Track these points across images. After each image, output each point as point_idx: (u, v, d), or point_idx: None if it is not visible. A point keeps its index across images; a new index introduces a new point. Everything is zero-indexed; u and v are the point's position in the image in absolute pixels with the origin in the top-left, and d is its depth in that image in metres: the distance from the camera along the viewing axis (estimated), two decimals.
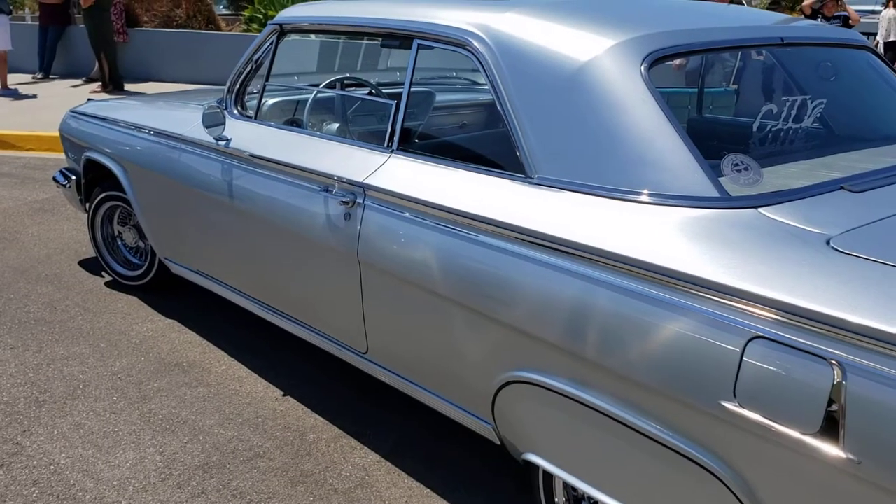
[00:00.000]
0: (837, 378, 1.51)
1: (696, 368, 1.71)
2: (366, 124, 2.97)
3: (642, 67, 2.07)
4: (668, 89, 3.51)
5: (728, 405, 1.65)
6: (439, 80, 3.35)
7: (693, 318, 1.73)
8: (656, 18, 2.34)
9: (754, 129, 2.42)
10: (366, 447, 2.83)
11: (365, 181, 2.52)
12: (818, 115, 2.61)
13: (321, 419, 3.00)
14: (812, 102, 2.56)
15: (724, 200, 1.89)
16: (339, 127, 3.11)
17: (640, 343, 1.81)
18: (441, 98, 3.17)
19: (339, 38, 3.68)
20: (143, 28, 12.09)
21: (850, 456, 1.49)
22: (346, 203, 2.55)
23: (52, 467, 2.66)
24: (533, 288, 2.04)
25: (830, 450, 1.52)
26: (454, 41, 2.42)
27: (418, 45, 2.56)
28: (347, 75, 3.54)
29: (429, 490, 2.60)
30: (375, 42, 3.12)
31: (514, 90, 2.23)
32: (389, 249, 2.43)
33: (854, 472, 1.50)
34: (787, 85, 3.00)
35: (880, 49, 8.83)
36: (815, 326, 1.56)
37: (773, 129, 2.47)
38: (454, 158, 2.46)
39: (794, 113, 2.51)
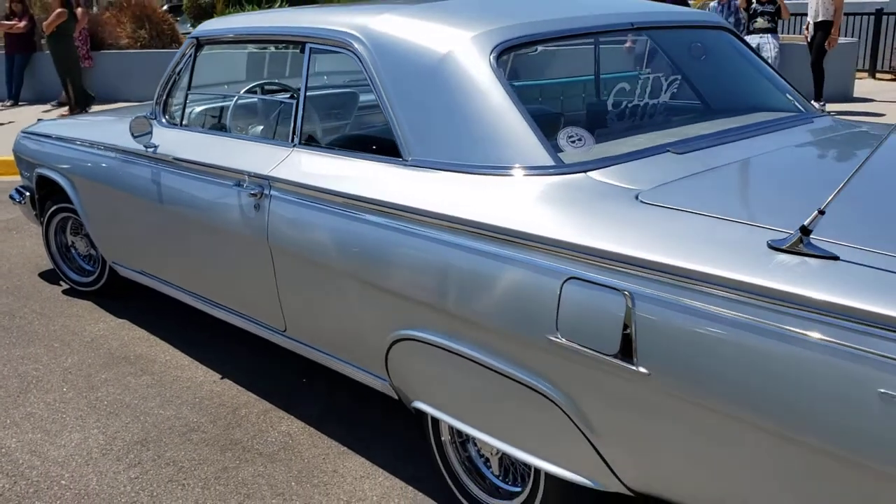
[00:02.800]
0: (629, 306, 1.80)
1: (529, 309, 2.00)
2: (274, 124, 3.26)
3: (491, 57, 2.36)
4: (557, 80, 3.84)
5: (553, 338, 1.94)
6: (341, 80, 3.64)
7: (524, 267, 2.02)
8: (511, 13, 2.62)
9: (609, 106, 2.73)
10: (292, 416, 3.11)
11: (270, 174, 2.81)
12: (674, 90, 2.92)
13: (254, 396, 3.28)
14: (667, 80, 2.87)
15: (559, 167, 2.19)
16: (252, 127, 3.40)
17: (487, 293, 2.10)
18: (337, 95, 3.46)
19: (255, 48, 3.96)
20: (109, 51, 12.34)
21: (643, 370, 1.78)
22: (254, 195, 2.83)
23: (2, 450, 2.92)
24: (408, 256, 2.32)
25: (628, 367, 1.81)
26: (338, 43, 2.71)
27: (310, 48, 2.85)
28: (268, 80, 3.83)
29: (345, 448, 2.88)
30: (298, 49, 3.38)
31: (388, 83, 2.52)
32: (293, 234, 2.72)
33: (647, 384, 1.79)
34: (655, 64, 3.31)
35: (810, 29, 9.16)
36: (613, 265, 1.85)
37: (628, 105, 2.77)
38: (347, 148, 2.74)
39: (648, 90, 2.82)
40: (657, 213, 1.95)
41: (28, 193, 4.61)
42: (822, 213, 1.61)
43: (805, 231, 1.63)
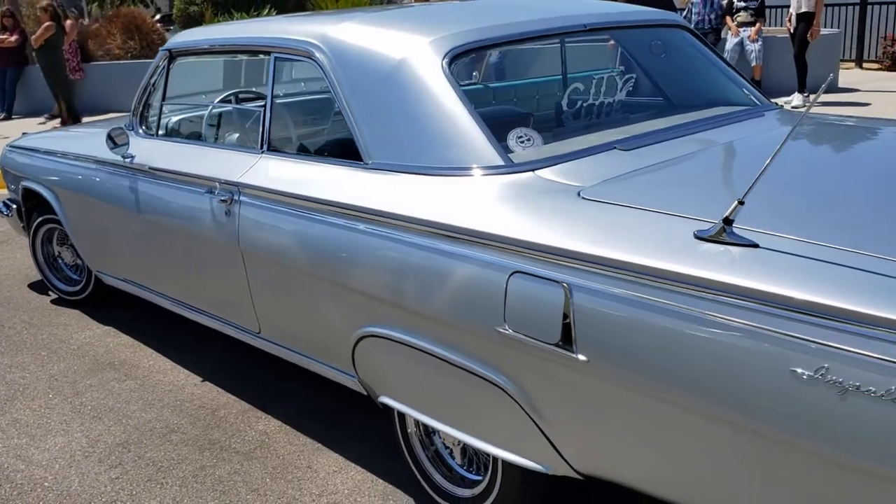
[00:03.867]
0: (567, 297, 1.88)
1: (480, 303, 2.08)
2: (244, 132, 3.35)
3: (444, 62, 2.45)
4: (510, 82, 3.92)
5: (502, 330, 2.02)
6: (309, 88, 3.73)
7: (475, 263, 2.11)
8: (465, 19, 2.71)
9: (564, 106, 2.81)
10: (269, 416, 3.20)
11: (239, 180, 2.90)
12: (630, 88, 3.00)
13: (233, 397, 3.37)
14: (622, 78, 2.95)
15: (509, 167, 2.27)
16: (224, 136, 3.49)
17: (442, 289, 2.19)
18: (304, 102, 3.55)
19: (230, 57, 4.05)
20: (99, 62, 12.45)
21: (582, 357, 1.87)
22: (225, 201, 2.92)
23: None
24: (368, 256, 2.41)
25: (569, 355, 1.89)
26: (300, 52, 2.79)
27: (275, 57, 2.94)
28: (243, 89, 3.92)
29: (320, 444, 2.97)
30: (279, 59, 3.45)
31: (347, 89, 2.61)
32: (262, 238, 2.81)
33: (587, 371, 1.88)
34: (618, 63, 3.40)
35: (793, 21, 9.23)
36: (553, 258, 1.93)
37: (583, 104, 2.86)
38: (312, 154, 2.83)
39: (604, 89, 2.91)
40: (596, 209, 2.03)
41: (15, 206, 4.71)
42: (741, 203, 1.69)
43: (727, 221, 1.71)
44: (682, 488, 1.87)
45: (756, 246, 1.69)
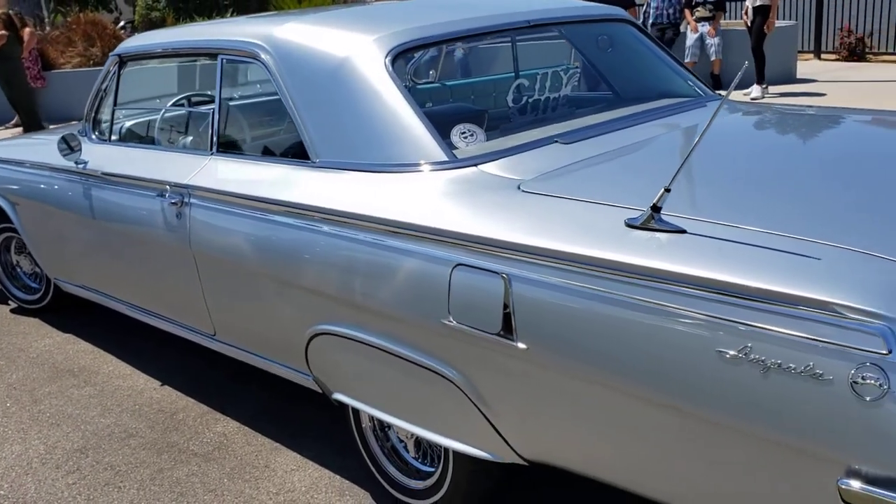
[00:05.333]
0: (507, 287, 1.92)
1: (425, 296, 2.11)
2: (194, 134, 3.36)
3: (387, 60, 2.48)
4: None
5: (447, 322, 2.05)
6: (260, 89, 3.75)
7: (420, 257, 2.14)
8: (408, 18, 2.74)
9: (510, 102, 2.85)
10: (228, 417, 3.21)
11: (189, 182, 2.91)
12: (575, 83, 3.05)
13: (192, 400, 3.37)
14: (567, 73, 2.99)
15: (452, 162, 2.30)
16: (175, 139, 3.49)
17: (389, 284, 2.22)
18: (252, 103, 3.57)
19: (184, 61, 4.05)
20: (61, 70, 12.32)
21: (522, 345, 1.91)
22: (175, 204, 2.92)
23: None
24: (317, 254, 2.43)
25: (509, 343, 1.93)
26: (246, 53, 2.81)
27: (222, 59, 2.95)
28: (196, 92, 3.92)
29: (278, 444, 2.99)
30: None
31: (293, 88, 2.62)
32: (213, 239, 2.82)
33: (527, 358, 1.92)
34: (570, 59, 3.44)
35: (750, 14, 9.36)
36: (492, 250, 1.97)
37: (529, 99, 2.90)
38: (261, 154, 2.85)
39: (549, 84, 2.95)
40: (534, 201, 2.07)
41: None
42: (667, 190, 1.74)
43: (655, 209, 1.76)
44: (623, 471, 1.91)
45: (683, 232, 1.73)
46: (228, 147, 3.05)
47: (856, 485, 1.45)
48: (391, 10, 2.94)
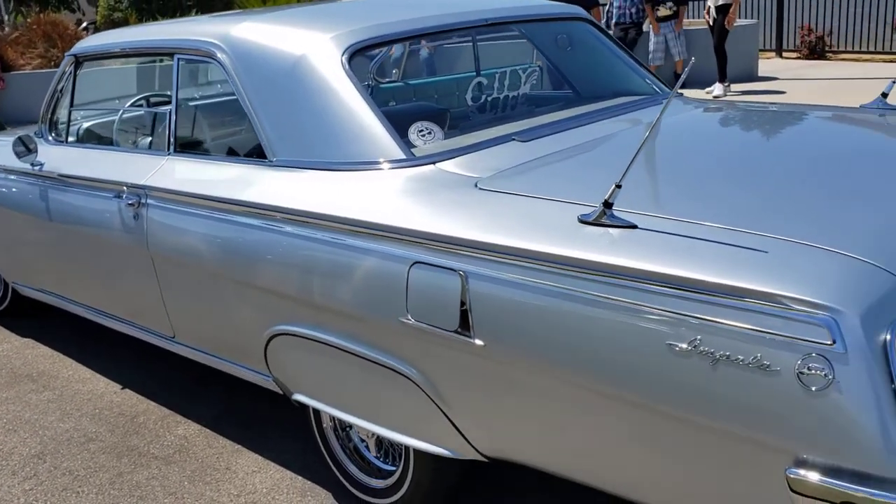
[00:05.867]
0: (463, 284, 1.92)
1: (383, 295, 2.11)
2: (152, 134, 3.33)
3: (343, 58, 2.47)
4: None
5: (405, 320, 2.05)
6: (217, 89, 3.72)
7: (378, 256, 2.13)
8: (365, 16, 2.74)
9: (470, 101, 2.86)
10: (189, 420, 3.18)
11: (146, 183, 2.88)
12: (534, 81, 3.06)
13: (153, 403, 3.34)
14: (526, 72, 3.01)
15: (410, 160, 2.30)
16: (132, 139, 3.46)
17: (347, 283, 2.21)
18: (210, 103, 3.54)
19: (142, 61, 4.02)
20: (20, 72, 12.12)
21: (479, 342, 1.91)
22: (132, 205, 2.89)
23: None
24: (274, 253, 2.42)
25: (467, 340, 1.93)
26: (202, 52, 2.78)
27: (178, 59, 2.92)
28: (154, 93, 3.88)
29: (240, 446, 2.97)
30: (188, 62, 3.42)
31: (250, 87, 2.61)
32: (170, 240, 2.79)
33: (484, 355, 1.92)
34: (532, 58, 3.46)
35: (711, 13, 9.46)
36: (449, 248, 1.97)
37: (488, 98, 2.91)
38: (218, 154, 2.83)
39: (509, 83, 2.96)
40: (491, 198, 2.08)
41: None
42: (618, 186, 1.75)
43: (607, 204, 1.77)
44: (580, 465, 1.93)
45: (635, 227, 1.75)
46: (186, 147, 3.02)
47: (803, 473, 1.47)
48: (349, 9, 2.93)
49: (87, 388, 3.54)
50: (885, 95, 2.82)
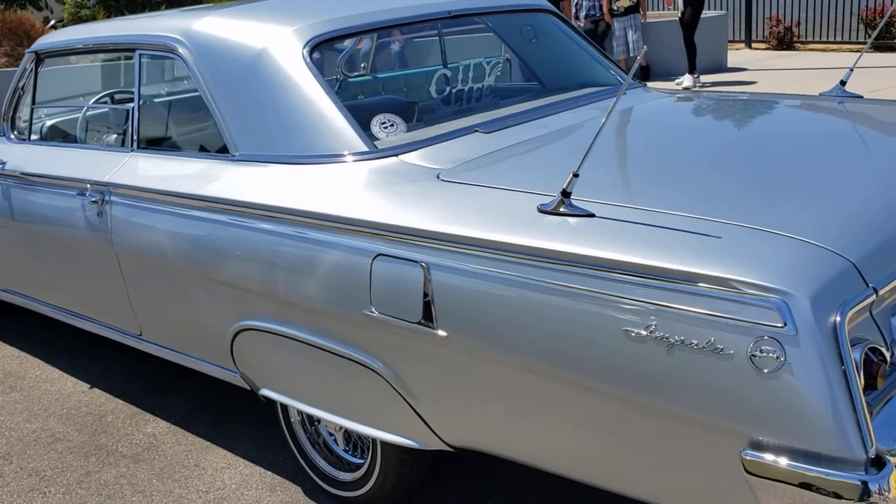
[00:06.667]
0: (426, 276, 1.92)
1: (347, 288, 2.11)
2: (115, 131, 3.30)
3: (304, 51, 2.46)
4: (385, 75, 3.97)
5: (369, 312, 2.06)
6: (181, 84, 3.70)
7: (341, 249, 2.13)
8: (328, 9, 2.72)
9: (434, 93, 2.86)
10: (159, 418, 3.17)
11: (109, 180, 2.85)
12: (499, 73, 3.07)
13: (122, 402, 3.32)
14: (490, 64, 3.01)
15: (373, 153, 2.31)
16: (96, 137, 3.42)
17: (311, 277, 2.21)
18: (173, 98, 3.52)
19: (106, 58, 3.98)
20: None
21: (442, 333, 1.92)
22: (96, 202, 2.87)
23: None
24: (239, 248, 2.41)
25: (430, 331, 1.94)
26: (163, 47, 2.77)
27: (140, 55, 2.90)
28: (118, 90, 3.84)
29: (209, 443, 2.96)
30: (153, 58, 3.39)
31: (212, 82, 2.59)
32: (134, 237, 2.77)
33: (448, 345, 1.93)
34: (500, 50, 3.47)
35: (680, 5, 9.52)
36: (411, 239, 1.98)
37: (452, 90, 2.91)
38: (181, 149, 2.81)
39: (474, 75, 2.96)
40: (453, 189, 2.09)
41: None
42: (576, 175, 1.76)
43: (565, 194, 1.78)
44: (543, 453, 1.94)
45: (592, 216, 1.76)
46: (149, 143, 3.00)
47: (758, 455, 1.49)
48: (312, 2, 2.92)
49: (55, 388, 3.51)
50: (843, 83, 2.86)
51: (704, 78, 9.72)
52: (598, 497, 1.94)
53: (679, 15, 9.62)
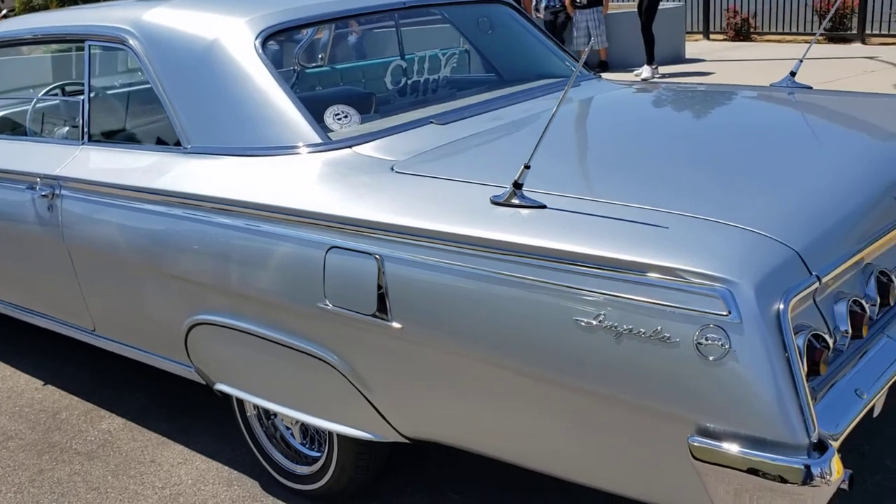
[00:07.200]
0: (380, 268, 1.92)
1: (301, 281, 2.10)
2: (66, 124, 3.24)
3: (256, 42, 2.44)
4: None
5: (322, 305, 2.05)
6: (130, 75, 3.65)
7: (295, 241, 2.12)
8: (280, 0, 2.70)
9: (389, 85, 2.85)
10: (114, 414, 3.13)
11: (59, 173, 2.80)
12: (455, 65, 3.07)
13: (76, 398, 3.27)
14: (446, 55, 3.01)
15: (326, 144, 2.29)
16: (48, 129, 3.36)
17: (265, 270, 2.20)
18: (124, 90, 3.47)
19: (59, 49, 3.91)
20: None
21: (396, 325, 1.92)
22: (46, 196, 2.82)
23: None
24: (192, 242, 2.38)
25: (385, 323, 1.94)
26: (113, 39, 2.72)
27: (90, 46, 2.85)
28: (70, 81, 3.77)
29: (165, 438, 2.93)
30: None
31: (163, 73, 2.56)
32: (86, 231, 2.73)
33: (402, 337, 1.93)
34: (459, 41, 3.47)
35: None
36: (365, 231, 1.97)
37: (408, 81, 2.91)
38: (133, 142, 2.77)
39: (427, 66, 2.96)
40: (406, 181, 2.09)
41: None
42: (527, 167, 1.77)
43: (517, 185, 1.79)
44: (498, 442, 1.95)
45: (544, 207, 1.77)
46: (100, 136, 2.95)
47: (704, 441, 1.52)
48: None
49: (7, 385, 3.44)
50: (793, 74, 2.91)
51: (663, 69, 9.82)
52: (554, 486, 1.96)
53: (637, 5, 9.69)
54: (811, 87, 2.93)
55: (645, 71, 9.51)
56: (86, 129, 2.86)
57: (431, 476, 2.59)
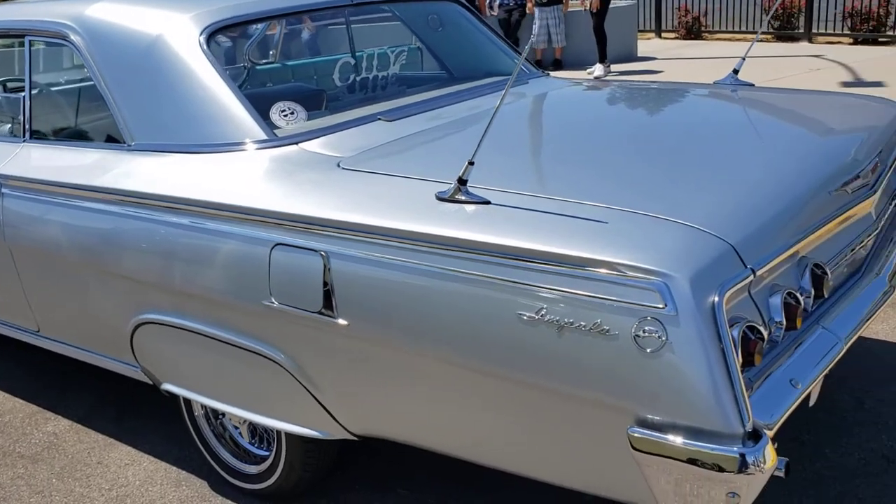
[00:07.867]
0: (325, 265, 1.92)
1: (246, 278, 2.09)
2: (7, 120, 3.17)
3: (201, 38, 2.42)
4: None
5: (268, 303, 2.04)
6: (73, 72, 3.59)
7: (239, 239, 2.10)
8: None
9: (338, 82, 2.85)
10: (59, 416, 3.08)
11: (0, 171, 2.74)
12: (404, 62, 3.08)
13: (21, 401, 3.21)
14: (395, 53, 3.02)
15: (272, 141, 2.28)
16: None
17: (209, 268, 2.18)
18: (68, 87, 3.41)
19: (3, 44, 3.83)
20: None
21: (342, 322, 1.92)
22: None
23: None
24: (135, 240, 2.35)
25: (331, 320, 1.93)
26: (54, 34, 2.67)
27: (30, 41, 2.80)
28: (12, 77, 3.69)
29: (112, 440, 2.89)
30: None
31: (105, 69, 2.52)
32: (28, 230, 2.68)
33: (348, 334, 1.93)
34: (397, 37, 3.47)
35: None
36: (310, 228, 1.97)
37: (356, 78, 2.90)
38: (77, 139, 2.73)
39: (376, 63, 2.96)
40: (352, 178, 2.08)
41: None
42: (471, 163, 1.78)
43: (461, 181, 1.80)
44: (445, 437, 1.96)
45: (488, 202, 1.79)
46: (42, 133, 2.90)
47: (642, 431, 1.54)
48: None
49: None
50: (736, 72, 2.97)
51: (615, 67, 9.93)
52: (505, 480, 1.98)
53: (587, 6, 9.78)
54: (753, 85, 2.99)
55: (598, 69, 9.61)
56: (27, 127, 2.81)
57: (380, 472, 2.59)
